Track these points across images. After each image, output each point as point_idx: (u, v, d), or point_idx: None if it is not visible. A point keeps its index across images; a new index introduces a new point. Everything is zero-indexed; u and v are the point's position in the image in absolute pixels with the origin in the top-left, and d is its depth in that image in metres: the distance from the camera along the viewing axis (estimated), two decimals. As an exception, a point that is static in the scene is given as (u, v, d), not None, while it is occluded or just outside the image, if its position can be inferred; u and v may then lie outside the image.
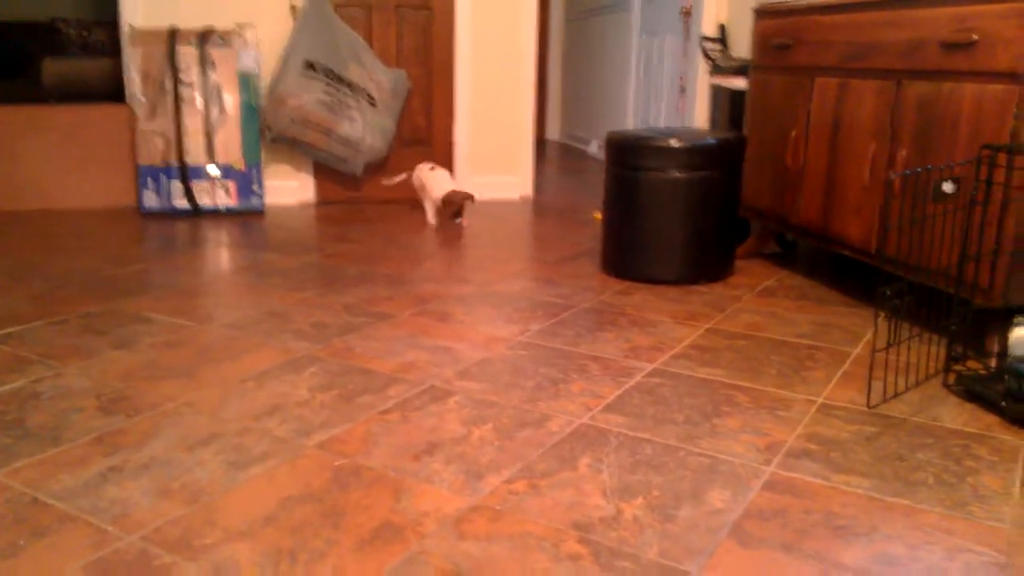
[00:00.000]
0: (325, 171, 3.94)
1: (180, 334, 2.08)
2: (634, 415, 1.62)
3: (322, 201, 3.98)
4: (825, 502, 1.30)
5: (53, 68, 4.06)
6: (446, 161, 4.09)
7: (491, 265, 2.81)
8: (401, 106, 3.90)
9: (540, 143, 6.81)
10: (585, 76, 6.31)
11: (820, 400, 1.70)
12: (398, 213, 3.76)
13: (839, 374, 1.84)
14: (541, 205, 4.01)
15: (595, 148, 5.93)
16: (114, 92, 4.07)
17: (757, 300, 2.41)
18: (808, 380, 1.81)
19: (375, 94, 3.72)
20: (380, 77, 3.74)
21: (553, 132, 7.14)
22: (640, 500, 1.31)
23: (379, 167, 3.99)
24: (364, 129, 3.68)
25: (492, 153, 4.12)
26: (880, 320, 2.21)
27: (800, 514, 1.27)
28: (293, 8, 3.72)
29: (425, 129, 4.04)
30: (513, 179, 4.17)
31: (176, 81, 3.51)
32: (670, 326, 2.16)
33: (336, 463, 1.42)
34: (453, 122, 4.05)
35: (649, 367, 1.87)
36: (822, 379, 1.81)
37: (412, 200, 3.98)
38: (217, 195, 3.65)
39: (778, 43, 2.66)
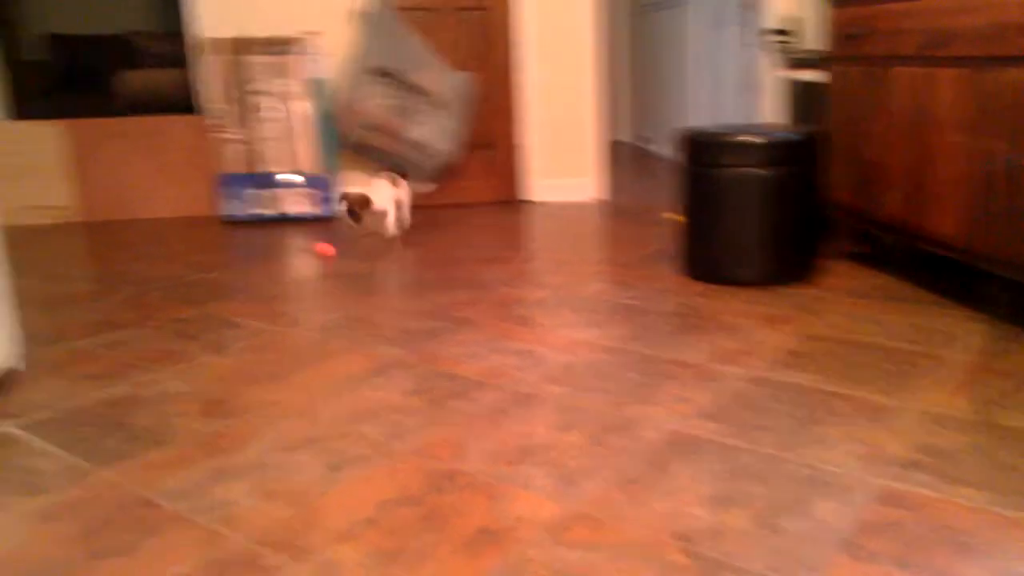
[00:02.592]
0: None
1: (269, 338, 2.13)
2: (727, 422, 1.59)
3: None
4: (940, 515, 1.25)
5: (128, 80, 4.22)
6: (509, 164, 4.09)
7: (566, 268, 2.79)
8: (467, 109, 3.92)
9: (611, 145, 6.75)
10: (654, 74, 6.22)
11: (925, 408, 1.63)
12: (469, 216, 3.78)
13: (942, 380, 1.77)
14: (613, 207, 3.97)
15: (664, 147, 5.85)
16: (186, 102, 4.21)
17: (844, 301, 2.33)
18: (909, 387, 1.74)
19: (442, 98, 3.75)
20: (446, 80, 3.77)
21: (624, 133, 7.07)
22: (741, 510, 1.28)
23: (447, 171, 4.02)
24: (433, 132, 3.71)
25: (560, 155, 4.11)
26: (985, 322, 2.11)
27: (914, 527, 1.22)
28: (356, 14, 3.78)
29: (487, 133, 4.05)
30: (583, 181, 4.15)
31: (249, 90, 3.61)
32: (755, 329, 2.11)
33: (431, 467, 1.43)
34: (514, 124, 4.05)
35: (738, 372, 1.83)
36: (925, 385, 1.74)
37: (479, 204, 4.00)
38: (295, 202, 3.73)
39: (853, 32, 2.58)
